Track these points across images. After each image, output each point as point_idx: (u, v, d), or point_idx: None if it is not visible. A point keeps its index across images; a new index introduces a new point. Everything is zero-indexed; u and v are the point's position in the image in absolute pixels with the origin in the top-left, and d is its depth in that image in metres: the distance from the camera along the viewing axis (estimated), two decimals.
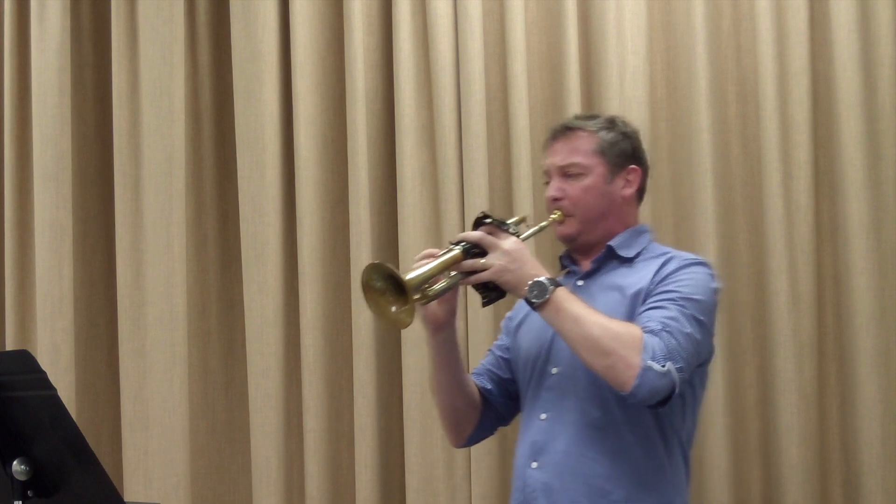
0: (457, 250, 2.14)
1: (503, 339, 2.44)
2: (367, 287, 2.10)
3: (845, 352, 3.19)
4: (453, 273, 2.15)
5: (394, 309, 2.09)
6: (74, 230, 3.80)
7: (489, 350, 2.47)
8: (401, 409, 3.48)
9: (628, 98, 3.30)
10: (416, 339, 3.39)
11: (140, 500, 3.56)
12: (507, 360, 2.40)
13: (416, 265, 2.14)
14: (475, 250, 2.14)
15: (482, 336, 3.31)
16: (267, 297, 3.60)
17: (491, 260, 2.12)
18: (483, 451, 3.29)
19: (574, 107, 3.31)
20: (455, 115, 3.43)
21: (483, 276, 2.13)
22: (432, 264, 2.12)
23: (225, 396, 3.76)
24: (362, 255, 3.47)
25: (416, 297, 2.09)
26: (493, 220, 2.18)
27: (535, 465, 2.22)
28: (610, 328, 2.06)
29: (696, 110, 3.26)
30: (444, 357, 2.29)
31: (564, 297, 2.09)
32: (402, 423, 3.46)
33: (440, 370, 2.31)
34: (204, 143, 3.80)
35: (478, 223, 2.18)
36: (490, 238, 2.14)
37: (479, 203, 3.34)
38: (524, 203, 3.32)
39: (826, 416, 3.23)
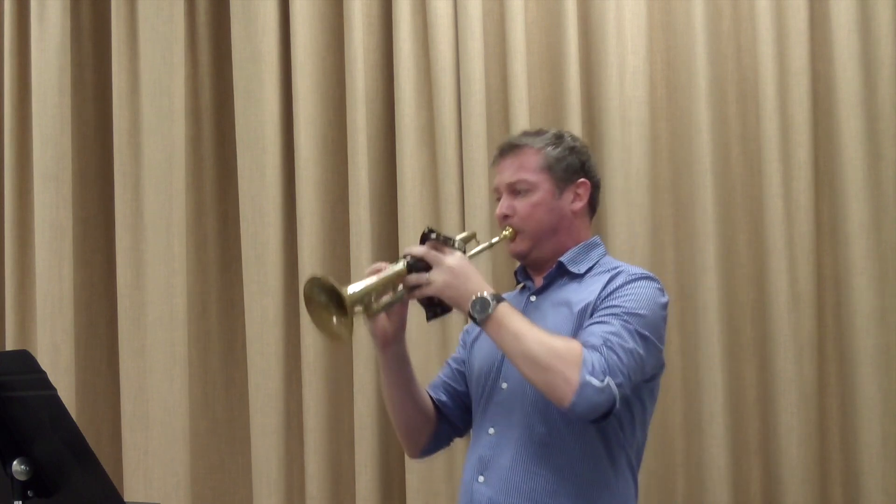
0: (400, 265, 2.15)
1: (460, 352, 2.45)
2: (309, 300, 2.10)
3: (845, 352, 3.19)
4: (399, 288, 2.16)
5: (334, 321, 2.10)
6: (74, 230, 3.80)
7: (446, 362, 2.48)
8: None
9: (628, 98, 3.30)
10: (416, 339, 3.38)
11: (140, 500, 3.56)
12: (462, 373, 2.41)
13: (361, 279, 2.14)
14: (420, 265, 2.14)
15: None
16: (267, 297, 3.60)
17: (434, 275, 2.12)
18: None
19: (574, 107, 3.32)
20: (455, 115, 3.43)
21: (427, 291, 2.13)
22: (374, 279, 2.13)
23: (225, 396, 3.76)
24: (362, 255, 3.47)
25: (358, 310, 2.10)
26: (439, 235, 2.18)
27: (481, 479, 2.22)
28: (549, 344, 2.06)
29: (696, 110, 3.26)
30: (394, 371, 2.30)
31: (506, 313, 2.09)
32: None
33: (391, 384, 2.32)
34: (204, 143, 3.80)
35: (424, 238, 2.19)
36: (434, 253, 2.14)
37: (479, 203, 3.35)
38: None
39: (826, 416, 3.23)
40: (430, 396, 2.39)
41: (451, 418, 2.40)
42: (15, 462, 2.16)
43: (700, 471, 3.21)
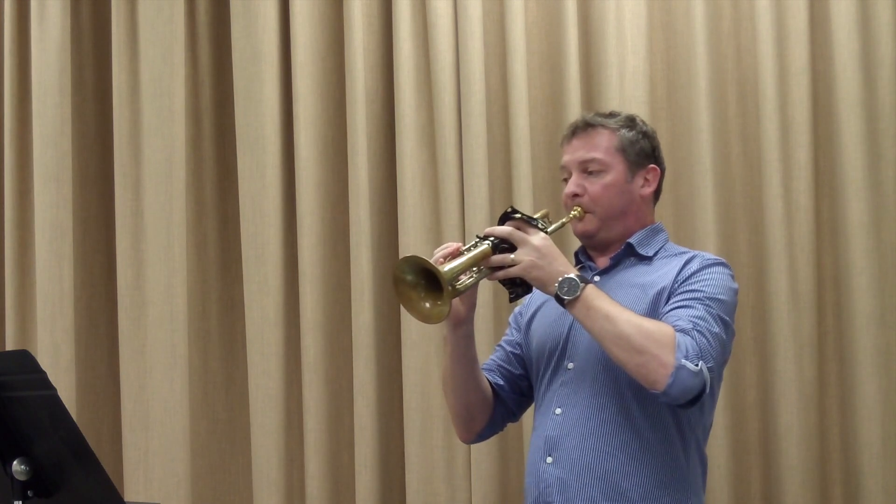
0: (486, 245, 2.13)
1: (513, 335, 2.43)
2: (397, 280, 2.09)
3: (845, 352, 3.19)
4: (481, 268, 2.14)
5: (427, 304, 2.08)
6: (74, 230, 3.80)
7: (498, 345, 2.46)
8: (401, 409, 3.48)
9: (628, 98, 3.30)
10: (416, 340, 3.39)
11: (140, 500, 3.56)
12: (517, 356, 2.39)
13: (439, 255, 2.12)
14: (504, 245, 2.13)
15: (482, 335, 3.31)
16: (267, 297, 3.60)
17: (520, 256, 2.11)
18: (483, 451, 3.29)
19: (574, 107, 3.31)
20: (455, 115, 3.43)
21: (512, 272, 2.11)
22: (464, 259, 2.10)
23: (225, 396, 3.76)
24: (362, 255, 3.47)
25: (449, 289, 2.07)
26: (522, 215, 2.17)
27: (549, 460, 2.20)
28: (642, 326, 2.05)
29: (696, 110, 3.26)
30: (461, 352, 2.27)
31: (595, 295, 2.08)
32: (402, 423, 3.46)
33: (457, 365, 2.29)
34: (204, 143, 3.80)
35: (505, 217, 2.17)
36: (519, 233, 2.13)
37: (479, 203, 3.35)
38: (524, 203, 3.31)
39: (826, 416, 3.23)
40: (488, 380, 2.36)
41: (506, 401, 2.38)
42: (15, 462, 2.16)
43: None
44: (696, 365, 2.03)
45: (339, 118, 3.62)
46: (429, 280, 2.07)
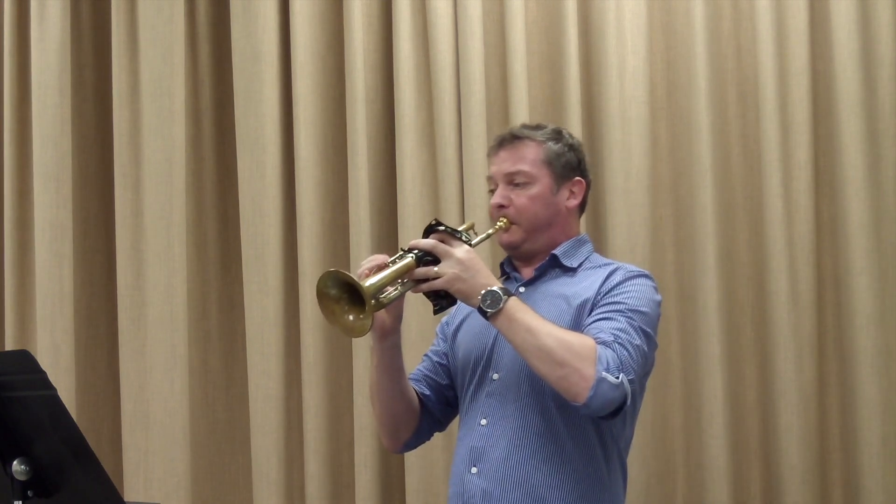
0: (409, 258, 2.14)
1: (439, 345, 2.44)
2: (321, 294, 2.10)
3: (845, 352, 3.19)
4: (405, 280, 2.15)
5: (350, 317, 2.09)
6: (74, 230, 3.80)
7: (425, 355, 2.46)
8: None
9: (628, 98, 3.30)
10: (415, 340, 3.39)
11: (140, 500, 3.56)
12: (443, 366, 2.41)
13: (363, 269, 2.13)
14: (428, 258, 2.14)
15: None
16: (267, 297, 3.60)
17: (444, 268, 2.12)
18: None
19: (574, 107, 3.32)
20: (455, 115, 3.43)
21: (436, 284, 2.13)
22: (386, 272, 2.12)
23: (225, 396, 3.76)
24: (362, 255, 3.47)
25: (372, 303, 2.08)
26: (446, 227, 2.18)
27: (474, 470, 2.22)
28: (563, 339, 2.05)
29: (696, 110, 3.26)
30: (387, 363, 2.29)
31: (517, 307, 2.09)
32: None
33: (383, 376, 2.30)
34: (204, 143, 3.80)
35: (429, 230, 2.18)
36: (443, 246, 2.13)
37: (479, 203, 3.35)
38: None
39: (826, 416, 3.23)
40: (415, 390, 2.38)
41: (433, 411, 2.39)
42: (15, 462, 2.15)
43: (700, 471, 3.21)
44: (617, 377, 2.03)
45: (339, 118, 3.62)
46: (352, 294, 2.08)
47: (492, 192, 2.33)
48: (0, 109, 3.94)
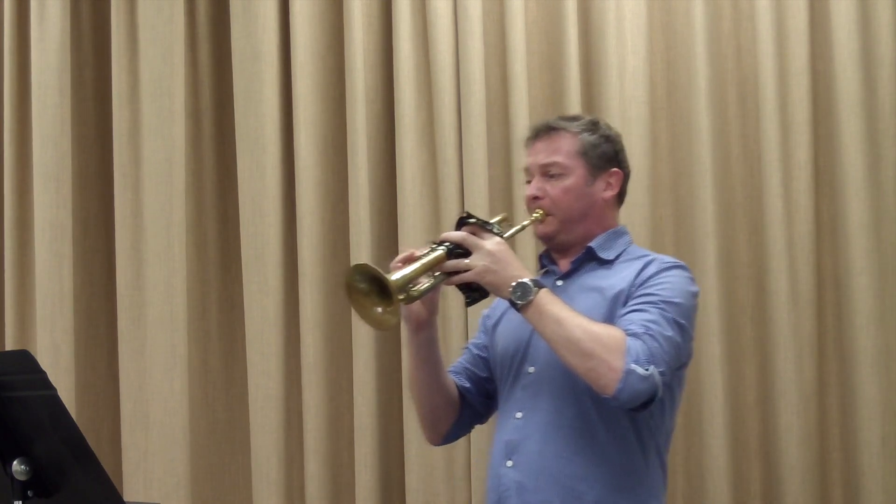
0: (440, 251, 2.13)
1: (480, 338, 2.44)
2: (350, 288, 2.10)
3: (845, 352, 3.19)
4: (436, 273, 2.14)
5: (378, 310, 2.09)
6: (74, 230, 3.80)
7: (465, 348, 2.47)
8: (401, 409, 3.48)
9: (628, 98, 3.30)
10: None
11: (140, 501, 3.56)
12: (484, 359, 2.40)
13: (395, 264, 2.14)
14: (458, 250, 2.13)
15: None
16: (267, 297, 3.60)
17: (474, 261, 2.12)
18: (483, 451, 3.28)
19: (574, 107, 3.31)
20: (455, 115, 3.43)
21: (466, 277, 2.12)
22: (416, 265, 2.11)
23: (225, 396, 3.76)
24: (362, 255, 3.47)
25: (401, 297, 2.08)
26: (477, 220, 2.18)
27: (509, 463, 2.22)
28: (592, 331, 2.05)
29: (696, 110, 3.26)
30: (423, 356, 2.29)
31: (547, 300, 2.09)
32: (402, 423, 3.46)
33: (420, 369, 2.31)
34: (204, 143, 3.80)
35: (461, 223, 2.18)
36: (473, 238, 2.14)
37: (479, 203, 3.35)
38: (524, 203, 3.31)
39: (826, 416, 3.23)
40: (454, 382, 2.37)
41: (473, 404, 2.39)
42: (15, 462, 2.16)
43: (700, 471, 3.21)
44: (647, 369, 2.03)
45: (339, 118, 3.62)
46: (381, 288, 2.07)
47: (528, 183, 2.33)
48: (0, 109, 3.94)
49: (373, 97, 3.56)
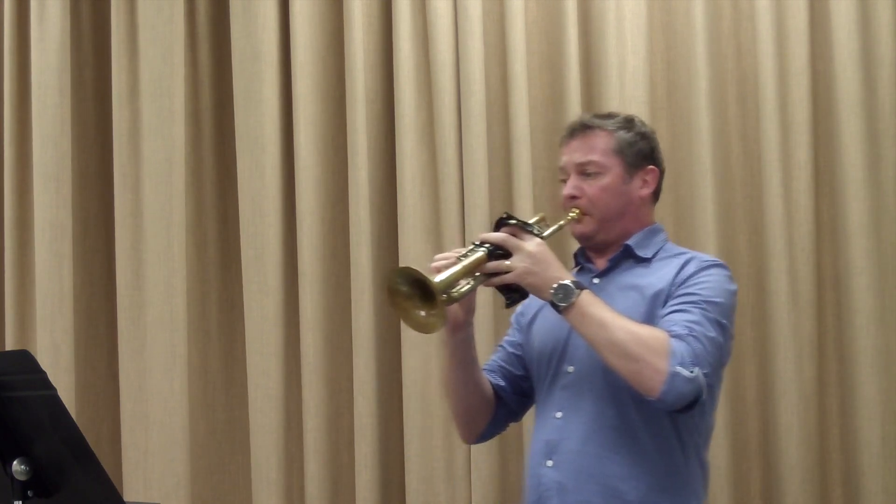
0: (481, 252, 2.12)
1: (514, 335, 2.43)
2: (392, 291, 2.09)
3: (845, 352, 3.19)
4: (476, 274, 2.13)
5: (422, 313, 2.07)
6: (74, 230, 3.80)
7: (499, 346, 2.45)
8: (401, 409, 3.48)
9: (628, 98, 3.30)
10: (416, 339, 3.39)
11: (140, 500, 3.56)
12: (518, 357, 2.39)
13: (435, 265, 2.12)
14: (499, 251, 2.12)
15: (484, 336, 3.31)
16: (267, 297, 3.59)
17: (515, 262, 2.11)
18: (483, 451, 3.29)
19: (574, 107, 3.31)
20: (455, 115, 3.43)
21: (507, 279, 2.11)
22: (458, 267, 2.10)
23: (225, 396, 3.76)
24: (362, 255, 3.47)
25: (443, 298, 2.07)
26: (517, 220, 2.17)
27: (549, 463, 2.20)
28: (636, 333, 2.04)
29: (696, 110, 3.26)
30: (460, 356, 2.27)
31: (589, 301, 2.08)
32: (402, 423, 3.46)
33: (457, 370, 2.29)
34: (204, 143, 3.80)
35: (500, 224, 2.17)
36: (514, 240, 2.13)
37: (479, 203, 3.35)
38: (524, 203, 3.32)
39: (826, 416, 3.23)
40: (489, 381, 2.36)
41: (508, 402, 2.38)
42: (15, 462, 2.16)
43: None
44: (691, 371, 2.02)
45: (339, 118, 3.62)
46: (423, 290, 2.06)
47: (563, 182, 2.32)
48: (0, 109, 3.94)
49: (373, 97, 3.56)
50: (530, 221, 2.21)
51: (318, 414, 3.53)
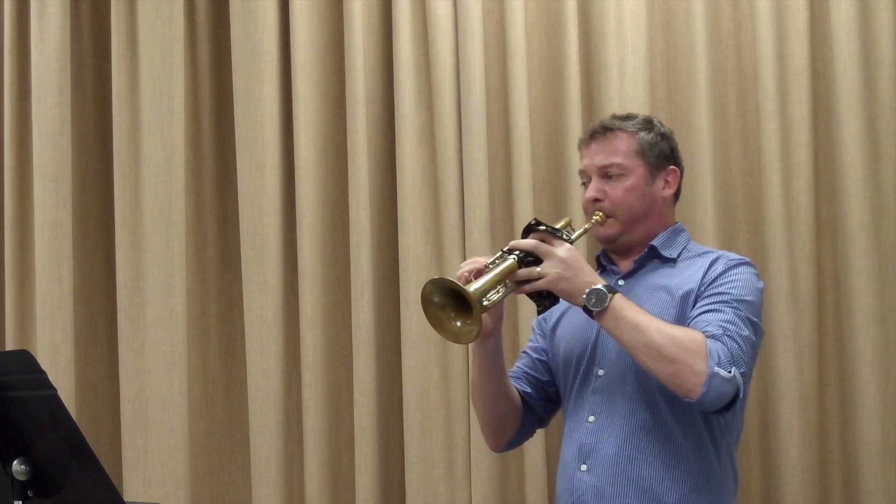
0: (511, 259, 2.12)
1: (537, 341, 2.42)
2: (426, 302, 2.08)
3: (845, 352, 3.19)
4: (508, 282, 2.13)
5: (458, 323, 2.07)
6: (74, 230, 3.80)
7: (523, 352, 2.44)
8: (401, 409, 3.48)
9: (628, 98, 3.30)
10: (416, 340, 3.39)
11: (140, 500, 3.56)
12: (543, 362, 2.38)
13: (462, 272, 2.11)
14: (529, 258, 2.12)
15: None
16: (267, 296, 3.59)
17: (546, 268, 2.10)
18: (483, 451, 3.28)
19: (574, 107, 3.32)
20: (455, 115, 3.43)
21: (539, 285, 2.11)
22: (490, 275, 2.10)
23: (225, 396, 3.76)
24: (362, 255, 3.47)
25: (479, 308, 2.06)
26: (546, 226, 2.16)
27: (584, 467, 2.20)
28: (672, 335, 2.04)
29: (696, 110, 3.26)
30: (489, 364, 2.27)
31: (623, 305, 2.07)
32: (402, 423, 3.46)
33: (486, 378, 2.28)
34: (204, 143, 3.80)
35: (529, 230, 2.16)
36: (544, 246, 2.12)
37: (479, 203, 3.35)
38: (524, 203, 3.32)
39: (826, 416, 3.23)
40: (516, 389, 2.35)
41: (535, 408, 2.38)
42: (15, 462, 2.16)
43: None
44: (729, 371, 2.02)
45: (339, 118, 3.62)
46: (457, 300, 2.06)
47: (584, 185, 2.31)
48: (0, 109, 3.94)
49: (373, 97, 3.56)
50: (558, 226, 2.20)
51: (318, 414, 3.53)
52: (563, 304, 2.28)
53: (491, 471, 3.33)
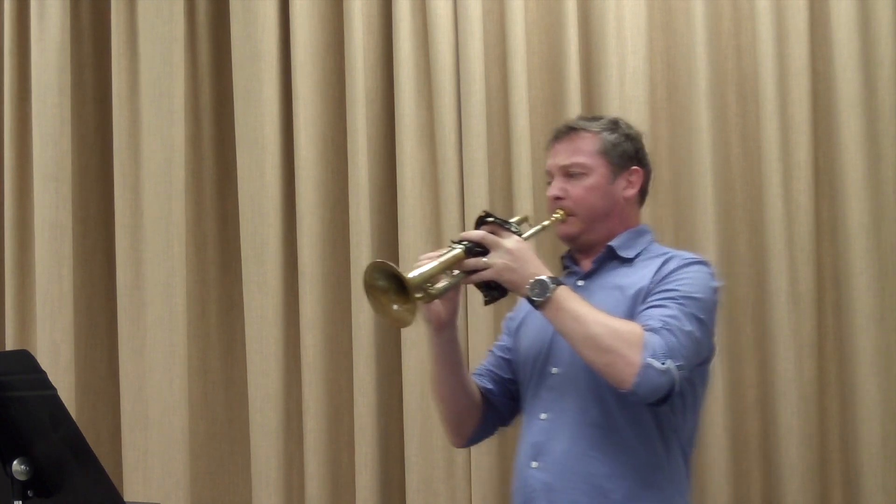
0: (459, 249, 2.14)
1: (504, 340, 2.44)
2: (369, 286, 2.12)
3: (845, 352, 3.19)
4: (455, 272, 2.15)
5: (395, 307, 2.10)
6: (74, 230, 3.80)
7: (490, 350, 2.47)
8: (401, 409, 3.48)
9: (628, 98, 3.30)
10: (416, 339, 3.39)
11: (140, 500, 3.56)
12: (508, 361, 2.40)
13: (417, 264, 2.14)
14: (477, 249, 2.14)
15: (482, 337, 3.31)
16: (267, 296, 3.60)
17: (493, 259, 2.12)
18: (483, 451, 3.29)
19: (574, 106, 3.31)
20: (455, 115, 3.43)
21: (485, 275, 2.13)
22: (434, 263, 2.12)
23: (225, 396, 3.76)
24: (362, 255, 3.47)
25: (419, 295, 2.09)
26: (496, 219, 2.18)
27: (535, 465, 2.22)
28: (610, 326, 2.06)
29: (696, 110, 3.26)
30: (445, 356, 2.29)
31: (566, 296, 2.09)
32: (402, 423, 3.46)
33: (442, 369, 2.30)
34: (204, 143, 3.80)
35: (480, 222, 2.19)
36: (492, 237, 2.14)
37: (479, 203, 3.35)
38: (524, 203, 3.32)
39: (826, 416, 3.23)
40: (477, 385, 2.37)
41: (497, 406, 2.39)
42: (15, 462, 2.16)
43: (700, 471, 3.20)
44: (664, 363, 2.03)
45: (339, 118, 3.62)
46: (399, 285, 2.08)
47: (549, 184, 2.33)
48: (0, 109, 3.94)
49: (373, 97, 3.56)
50: (511, 220, 2.22)
51: (318, 414, 3.53)
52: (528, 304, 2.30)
53: (491, 471, 3.33)
